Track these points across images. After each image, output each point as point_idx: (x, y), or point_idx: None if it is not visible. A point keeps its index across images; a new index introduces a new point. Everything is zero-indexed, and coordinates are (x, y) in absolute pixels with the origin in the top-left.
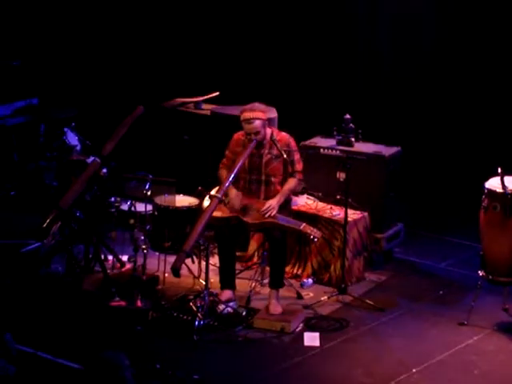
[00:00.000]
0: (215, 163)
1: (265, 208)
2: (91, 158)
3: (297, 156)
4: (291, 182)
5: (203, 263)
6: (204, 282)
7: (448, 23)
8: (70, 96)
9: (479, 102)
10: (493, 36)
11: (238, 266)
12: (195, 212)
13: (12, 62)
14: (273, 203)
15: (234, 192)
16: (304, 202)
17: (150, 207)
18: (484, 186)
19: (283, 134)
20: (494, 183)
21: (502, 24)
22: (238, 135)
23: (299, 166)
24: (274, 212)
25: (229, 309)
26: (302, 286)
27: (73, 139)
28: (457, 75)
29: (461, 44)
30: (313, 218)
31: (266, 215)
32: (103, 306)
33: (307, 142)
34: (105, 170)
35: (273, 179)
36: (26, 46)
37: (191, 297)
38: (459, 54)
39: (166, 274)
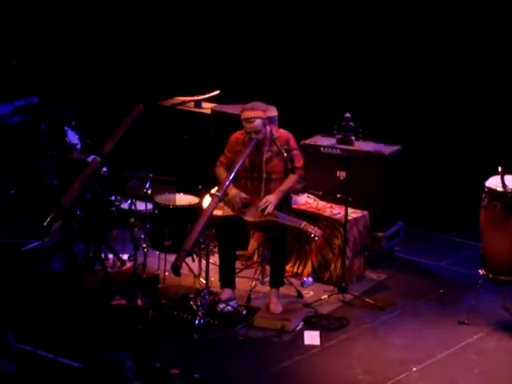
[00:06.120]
0: (215, 162)
1: (262, 203)
2: (91, 157)
3: (296, 152)
4: (291, 179)
5: (203, 262)
6: (204, 281)
7: (449, 21)
8: (70, 95)
9: (480, 101)
10: (494, 35)
11: (238, 265)
12: (195, 211)
13: (12, 60)
14: (270, 198)
15: (233, 191)
16: (304, 200)
17: (150, 206)
18: (484, 185)
19: (282, 131)
20: (494, 182)
21: (502, 23)
22: (237, 134)
23: (299, 163)
24: (272, 207)
25: (229, 307)
26: (302, 284)
27: (73, 138)
28: (457, 74)
29: (462, 43)
30: (313, 217)
31: (266, 211)
32: (104, 304)
33: (307, 141)
34: (105, 169)
35: (274, 176)
36: (26, 45)
37: (191, 296)
38: (460, 52)
39: (167, 273)
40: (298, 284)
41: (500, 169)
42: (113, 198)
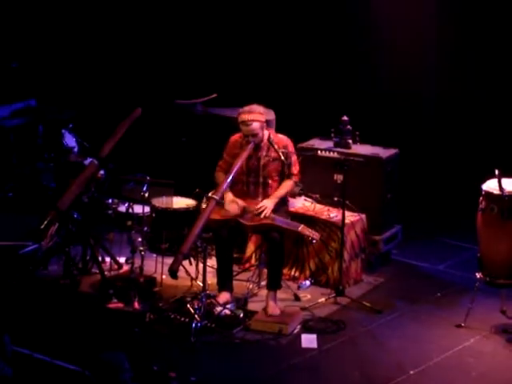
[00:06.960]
0: (213, 165)
1: (259, 207)
2: (89, 160)
3: (294, 158)
4: (287, 184)
5: (201, 265)
6: (201, 284)
7: (447, 24)
8: (68, 98)
9: (477, 104)
10: (492, 38)
11: (235, 268)
12: (193, 214)
13: (10, 63)
14: (267, 202)
15: (229, 197)
16: (301, 203)
17: (147, 209)
18: (481, 188)
19: (281, 136)
20: (491, 185)
21: (501, 24)
22: (235, 137)
23: (296, 169)
24: (269, 211)
25: (226, 311)
26: (299, 287)
27: (70, 141)
28: (455, 77)
29: (459, 46)
30: (310, 220)
31: (262, 215)
32: (101, 307)
33: (305, 144)
34: (102, 172)
35: (270, 181)
36: (24, 48)
37: (189, 299)
38: (457, 55)
39: (164, 276)
40: (295, 287)
41: (497, 172)
42: (110, 200)
